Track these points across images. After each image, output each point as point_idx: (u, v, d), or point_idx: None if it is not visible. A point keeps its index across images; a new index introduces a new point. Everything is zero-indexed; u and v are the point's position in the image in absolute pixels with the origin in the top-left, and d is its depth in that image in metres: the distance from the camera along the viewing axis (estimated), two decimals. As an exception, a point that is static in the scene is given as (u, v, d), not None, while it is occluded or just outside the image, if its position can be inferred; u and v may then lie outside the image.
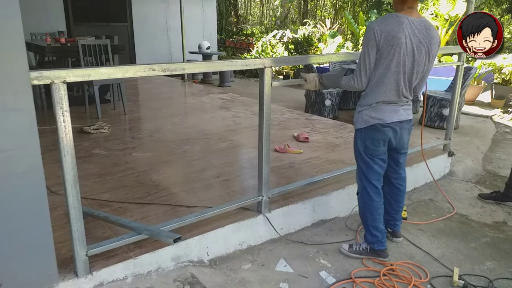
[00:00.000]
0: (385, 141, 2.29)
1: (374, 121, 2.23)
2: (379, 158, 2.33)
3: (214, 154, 3.68)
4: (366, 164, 2.35)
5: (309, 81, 2.49)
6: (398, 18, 2.09)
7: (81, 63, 4.82)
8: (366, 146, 2.30)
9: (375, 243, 2.43)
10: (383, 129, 2.24)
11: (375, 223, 2.41)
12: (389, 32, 2.06)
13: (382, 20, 2.11)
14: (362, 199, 2.44)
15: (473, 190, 3.60)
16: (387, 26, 2.07)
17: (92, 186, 2.91)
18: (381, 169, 2.37)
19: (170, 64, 1.96)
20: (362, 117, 2.26)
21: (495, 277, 2.32)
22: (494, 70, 7.55)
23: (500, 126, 6.08)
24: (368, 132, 2.26)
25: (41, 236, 1.76)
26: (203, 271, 2.25)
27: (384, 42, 2.07)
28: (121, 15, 9.23)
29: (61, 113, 1.67)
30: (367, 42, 2.12)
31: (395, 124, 2.24)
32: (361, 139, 2.31)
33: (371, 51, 2.12)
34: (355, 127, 2.34)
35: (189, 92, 7.43)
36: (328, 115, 5.96)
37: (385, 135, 2.26)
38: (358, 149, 2.36)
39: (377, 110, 2.22)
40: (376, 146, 2.29)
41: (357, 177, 2.46)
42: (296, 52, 11.25)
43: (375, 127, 2.23)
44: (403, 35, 2.06)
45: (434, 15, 9.26)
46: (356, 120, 2.32)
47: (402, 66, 2.12)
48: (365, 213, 2.43)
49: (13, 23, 1.52)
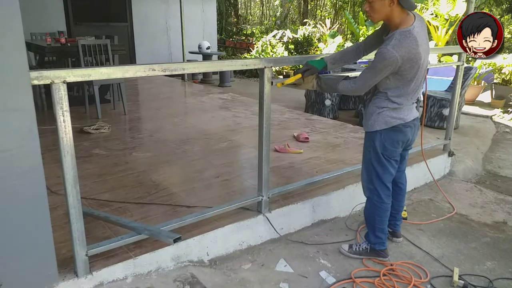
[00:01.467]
0: (404, 142, 2.26)
1: (396, 121, 2.17)
2: (394, 160, 2.29)
3: (214, 154, 3.68)
4: (382, 166, 2.28)
5: (306, 81, 2.39)
6: (412, 37, 1.98)
7: (81, 63, 4.82)
8: (385, 147, 2.23)
9: (377, 243, 2.43)
10: (404, 130, 2.20)
11: (382, 225, 2.40)
12: (409, 55, 1.99)
13: (400, 45, 1.97)
14: (371, 202, 2.39)
15: (473, 190, 3.60)
16: (407, 51, 1.98)
17: (92, 186, 2.91)
18: (395, 170, 2.34)
19: (170, 64, 1.96)
20: (383, 118, 2.19)
21: (495, 277, 2.32)
22: (494, 70, 7.55)
23: (500, 126, 6.08)
24: (389, 133, 2.20)
25: (41, 236, 1.76)
26: (203, 271, 2.25)
27: (405, 64, 2.01)
28: (121, 15, 9.23)
29: (61, 113, 1.67)
30: (383, 67, 2.00)
31: (413, 122, 2.24)
32: (380, 140, 2.23)
33: (385, 73, 2.04)
34: (374, 129, 2.23)
35: (189, 92, 7.43)
36: (328, 115, 5.96)
37: (405, 136, 2.23)
38: (375, 150, 2.26)
39: (397, 110, 2.18)
40: (395, 148, 2.24)
41: (367, 179, 2.38)
42: (296, 52, 11.25)
43: (397, 128, 2.18)
44: (421, 50, 2.03)
45: (434, 15, 9.26)
46: (375, 121, 2.21)
47: (421, 73, 2.12)
48: (373, 215, 2.39)
49: (13, 23, 1.52)
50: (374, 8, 2.02)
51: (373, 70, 2.07)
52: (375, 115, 2.22)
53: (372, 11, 2.04)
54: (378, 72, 2.05)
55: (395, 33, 2.01)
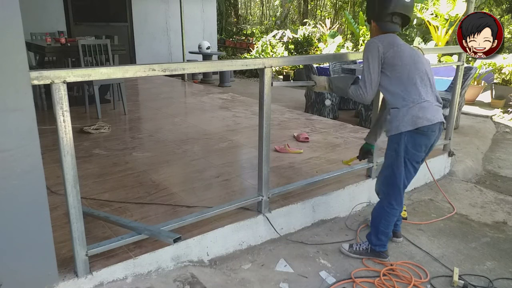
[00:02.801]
0: (427, 146, 2.22)
1: (422, 122, 2.13)
2: (416, 163, 2.26)
3: (214, 154, 3.68)
4: (403, 170, 2.25)
5: (319, 84, 2.51)
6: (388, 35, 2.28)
7: (81, 63, 4.82)
8: (407, 150, 2.20)
9: (378, 245, 2.43)
10: (429, 134, 2.17)
11: (387, 229, 2.39)
12: (387, 39, 2.24)
13: (378, 36, 2.27)
14: (382, 206, 2.38)
15: (473, 190, 3.60)
16: (384, 38, 2.24)
17: (92, 186, 2.91)
18: (413, 176, 2.32)
19: (170, 64, 1.96)
20: (409, 119, 2.15)
21: (495, 277, 2.32)
22: (494, 70, 7.55)
23: (500, 126, 6.08)
24: (413, 136, 2.17)
25: (41, 236, 1.76)
26: (203, 271, 2.25)
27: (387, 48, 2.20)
28: (121, 15, 9.23)
29: (61, 113, 1.67)
30: (369, 54, 2.22)
31: (439, 124, 2.21)
32: (404, 143, 2.19)
33: (375, 62, 2.20)
34: (399, 131, 2.19)
35: (189, 92, 7.43)
36: (328, 115, 5.96)
37: (429, 140, 2.20)
38: (398, 154, 2.23)
39: (422, 109, 2.15)
40: (418, 151, 2.21)
41: (384, 182, 2.37)
42: (296, 52, 11.25)
43: (421, 131, 2.15)
44: (401, 42, 2.27)
45: (434, 15, 9.26)
46: (400, 122, 2.18)
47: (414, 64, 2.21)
48: (380, 217, 2.38)
49: (13, 23, 1.51)
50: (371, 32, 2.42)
51: (365, 64, 2.25)
52: (400, 116, 2.19)
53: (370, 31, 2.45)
54: (369, 64, 2.22)
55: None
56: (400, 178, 2.28)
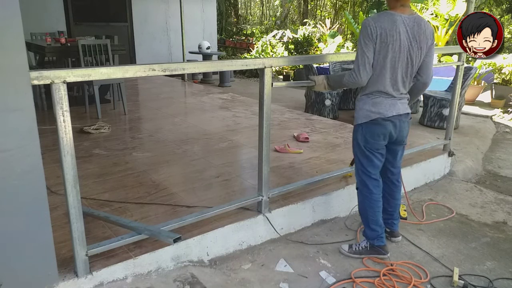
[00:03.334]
0: (385, 135, 2.33)
1: (375, 115, 2.28)
2: (378, 152, 2.39)
3: (214, 154, 3.68)
4: (366, 158, 2.40)
5: (318, 83, 2.55)
6: (392, 16, 2.17)
7: (81, 63, 4.82)
8: (366, 140, 2.35)
9: (375, 238, 2.44)
10: (384, 123, 2.29)
11: (376, 216, 2.43)
12: (384, 29, 2.14)
13: (377, 17, 2.18)
14: (362, 194, 2.47)
15: (473, 190, 3.60)
16: (382, 23, 2.15)
17: (92, 186, 2.91)
18: (380, 162, 2.43)
19: (170, 64, 1.96)
20: (363, 113, 2.33)
21: (495, 277, 2.32)
22: (494, 70, 7.55)
23: (500, 126, 6.08)
24: (369, 127, 2.31)
25: (41, 236, 1.76)
26: (203, 271, 2.25)
27: (379, 39, 2.16)
28: (121, 15, 9.23)
29: (61, 113, 1.67)
30: (363, 38, 2.19)
31: (395, 117, 2.30)
32: (361, 134, 2.36)
33: (369, 45, 2.18)
34: (356, 123, 2.39)
35: (189, 92, 7.43)
36: (328, 115, 5.96)
37: (385, 129, 2.31)
38: (358, 143, 2.40)
39: (376, 105, 2.28)
40: (376, 140, 2.34)
41: (356, 172, 2.50)
42: (296, 52, 11.25)
43: (376, 121, 2.29)
44: (397, 33, 2.15)
45: (434, 15, 9.26)
46: (357, 116, 2.37)
47: (396, 62, 2.20)
48: (365, 207, 2.46)
49: (13, 23, 1.52)
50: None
51: (358, 44, 2.23)
52: (357, 111, 2.37)
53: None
54: (362, 45, 2.19)
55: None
56: (366, 165, 2.41)
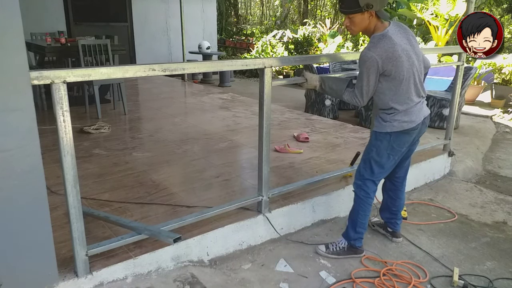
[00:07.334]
0: (409, 142, 2.31)
1: (408, 125, 2.22)
2: (398, 157, 2.35)
3: (214, 154, 3.68)
4: (380, 166, 2.34)
5: (309, 82, 2.44)
6: (386, 38, 2.11)
7: (81, 63, 4.82)
8: (392, 148, 2.29)
9: (356, 239, 2.43)
10: (411, 132, 2.26)
11: (364, 219, 2.42)
12: (387, 54, 2.09)
13: (376, 46, 2.11)
14: (359, 197, 2.42)
15: (473, 190, 3.60)
16: (383, 50, 2.09)
17: (92, 186, 2.91)
18: (391, 169, 2.41)
19: (170, 64, 1.96)
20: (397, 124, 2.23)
21: (495, 277, 2.32)
22: (494, 70, 7.54)
23: (500, 126, 6.08)
24: (399, 136, 2.26)
25: (41, 236, 1.76)
26: (203, 271, 2.25)
27: (387, 64, 2.10)
28: (121, 15, 9.23)
29: (61, 113, 1.67)
30: (368, 70, 2.12)
31: (422, 121, 2.28)
32: (388, 141, 2.27)
33: (372, 76, 2.14)
34: (383, 130, 2.27)
35: (189, 92, 7.43)
36: (328, 115, 5.96)
37: (411, 136, 2.29)
38: (380, 150, 2.30)
39: (408, 114, 2.22)
40: (401, 148, 2.30)
41: (360, 176, 2.42)
42: (296, 52, 11.25)
43: (406, 131, 2.24)
44: (398, 46, 2.12)
45: (434, 15, 9.26)
46: (386, 125, 2.26)
47: (411, 69, 2.17)
48: (358, 210, 2.41)
49: (13, 23, 1.52)
50: (354, 22, 2.16)
51: (361, 76, 2.17)
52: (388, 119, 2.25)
53: (353, 25, 2.17)
54: (366, 76, 2.15)
55: (371, 37, 2.17)
56: (377, 171, 2.35)
